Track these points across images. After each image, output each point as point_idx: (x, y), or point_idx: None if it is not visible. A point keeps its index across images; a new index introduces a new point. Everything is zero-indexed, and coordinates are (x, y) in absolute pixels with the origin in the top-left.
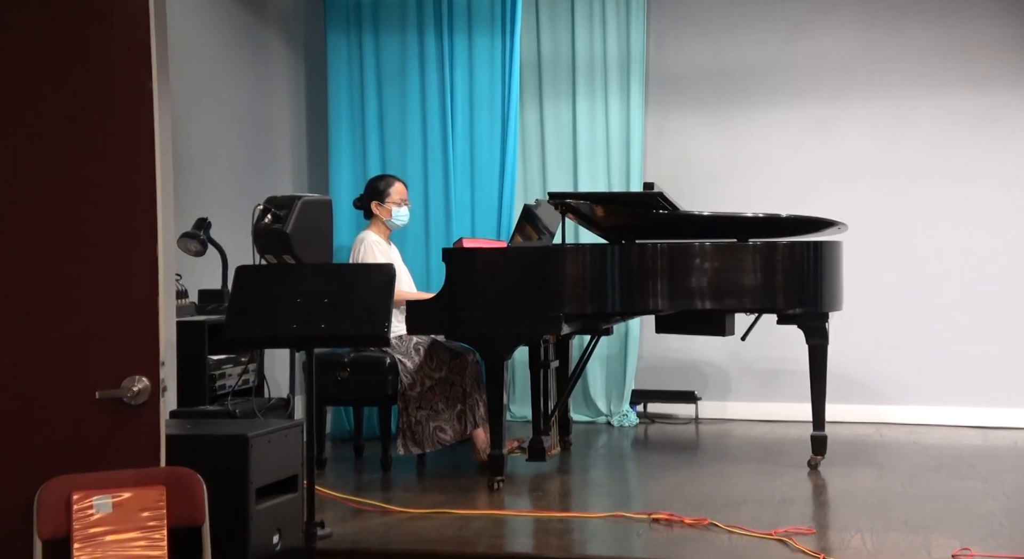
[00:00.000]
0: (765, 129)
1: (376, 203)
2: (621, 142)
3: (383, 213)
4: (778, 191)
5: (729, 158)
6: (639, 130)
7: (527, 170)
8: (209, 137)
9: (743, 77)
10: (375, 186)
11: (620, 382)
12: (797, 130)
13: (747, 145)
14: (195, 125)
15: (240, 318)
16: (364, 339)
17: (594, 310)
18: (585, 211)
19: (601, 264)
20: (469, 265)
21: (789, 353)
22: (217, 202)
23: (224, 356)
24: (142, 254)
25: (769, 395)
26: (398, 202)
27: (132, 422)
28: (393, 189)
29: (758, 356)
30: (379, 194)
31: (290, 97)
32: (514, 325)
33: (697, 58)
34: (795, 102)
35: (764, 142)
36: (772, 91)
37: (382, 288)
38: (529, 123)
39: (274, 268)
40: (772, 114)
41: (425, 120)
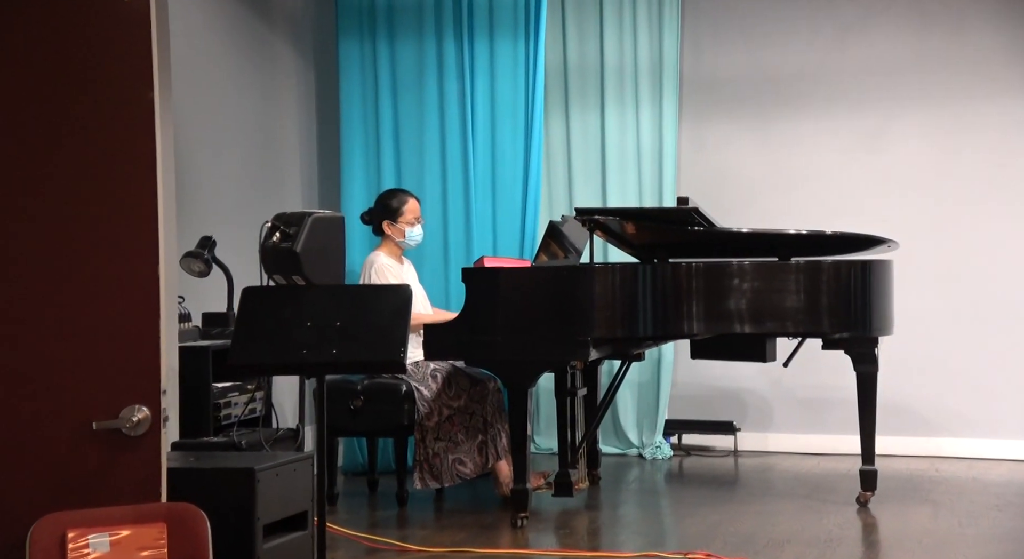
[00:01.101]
0: (810, 140)
1: (388, 222)
2: (653, 154)
3: (396, 233)
4: (823, 206)
5: (770, 171)
6: (672, 141)
7: (552, 184)
8: (214, 150)
9: (786, 84)
10: (387, 204)
11: (652, 411)
12: (845, 141)
13: (790, 157)
14: (199, 138)
15: (246, 343)
16: (378, 365)
17: (625, 334)
18: (614, 228)
19: (632, 285)
20: (490, 286)
21: (836, 381)
22: (222, 219)
23: (229, 384)
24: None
25: (814, 426)
26: (411, 221)
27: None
28: (407, 207)
29: (802, 384)
30: (391, 213)
31: (299, 107)
32: (539, 350)
33: (736, 64)
34: (843, 111)
35: (808, 154)
36: (818, 99)
37: (397, 311)
38: (554, 134)
39: (282, 290)
40: (818, 124)
41: (444, 132)
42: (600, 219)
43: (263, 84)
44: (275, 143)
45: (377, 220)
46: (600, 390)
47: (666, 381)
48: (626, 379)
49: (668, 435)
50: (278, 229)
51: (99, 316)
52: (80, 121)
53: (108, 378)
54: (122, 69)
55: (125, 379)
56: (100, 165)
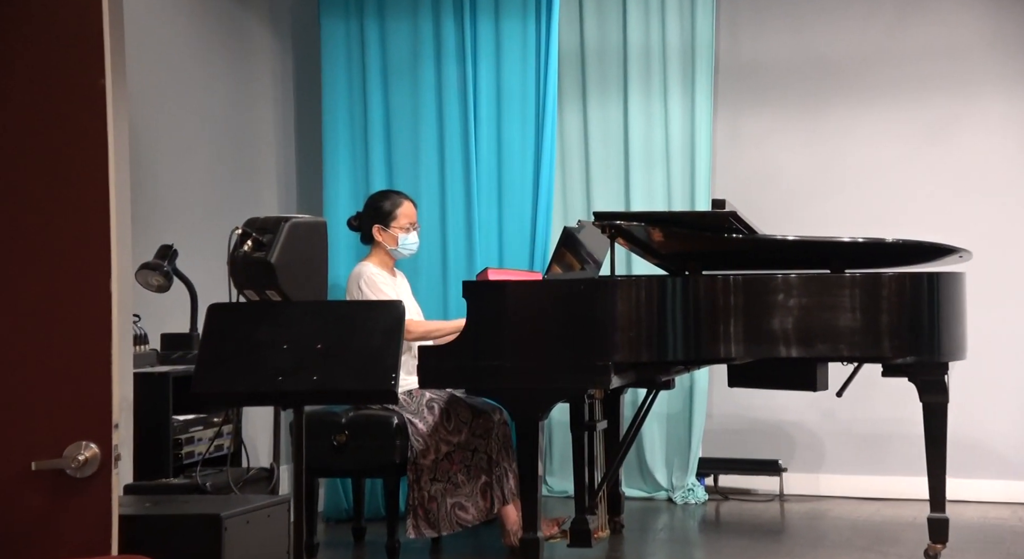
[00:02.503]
0: (865, 134)
1: (380, 228)
2: (684, 151)
3: (388, 240)
4: (881, 210)
5: (820, 169)
6: (706, 136)
7: (567, 185)
8: (176, 146)
9: (838, 69)
10: (378, 206)
11: (684, 448)
12: (906, 135)
13: (842, 154)
14: (159, 132)
15: (213, 369)
16: (366, 395)
17: (651, 358)
18: (639, 235)
19: (660, 301)
20: (496, 302)
21: (898, 413)
22: (185, 226)
23: (193, 416)
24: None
25: (873, 466)
26: (406, 227)
27: (77, 499)
28: (401, 210)
29: (858, 417)
30: (383, 216)
31: (276, 97)
32: (552, 377)
33: (780, 47)
34: (904, 100)
35: (864, 149)
36: (875, 86)
37: (389, 331)
38: (570, 128)
39: (255, 307)
40: (874, 115)
41: (442, 125)
42: (623, 225)
43: (234, 70)
44: (247, 138)
45: (367, 225)
46: (623, 423)
47: (700, 413)
48: (653, 410)
49: (702, 476)
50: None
51: (40, 338)
52: (20, 111)
53: (50, 411)
54: (69, 53)
55: (70, 412)
56: (43, 163)
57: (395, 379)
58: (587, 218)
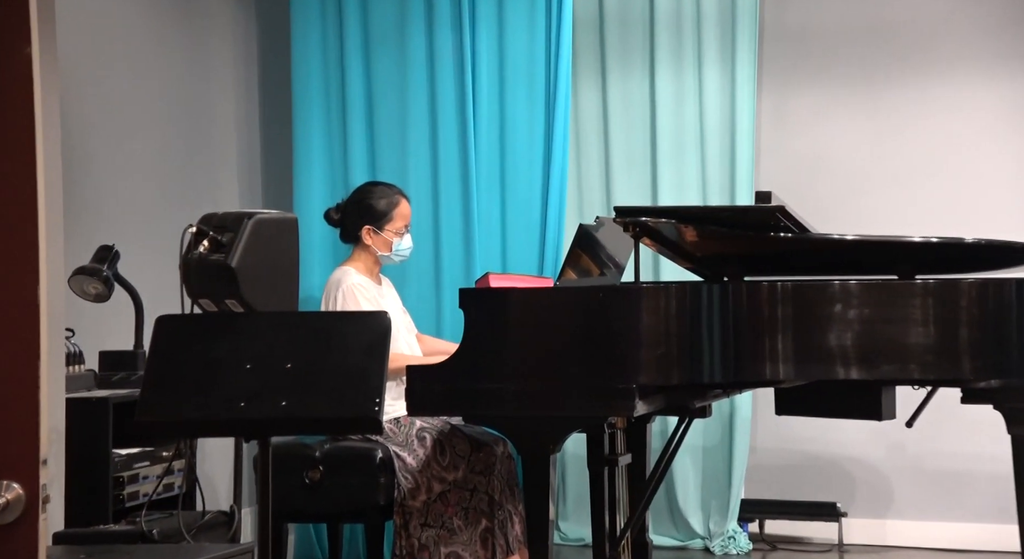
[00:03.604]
0: (937, 113)
1: (371, 230)
2: (722, 134)
3: (379, 245)
4: (956, 204)
5: (883, 156)
6: (748, 116)
7: (583, 175)
8: (118, 128)
9: (903, 39)
10: (370, 204)
11: (723, 488)
12: (985, 115)
13: (909, 137)
14: (97, 110)
15: (161, 393)
16: (345, 424)
17: (683, 380)
18: (669, 234)
19: (693, 312)
20: (498, 313)
21: (980, 447)
22: (128, 223)
23: (137, 450)
24: (15, 300)
25: (950, 511)
26: (401, 230)
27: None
28: (398, 211)
29: (932, 450)
30: (376, 216)
31: (237, 70)
32: (565, 402)
33: (835, 12)
34: (981, 75)
35: (935, 133)
36: (947, 59)
37: (372, 347)
38: (586, 107)
39: (212, 319)
40: (948, 92)
41: (434, 104)
42: (649, 222)
43: (187, 38)
44: (203, 119)
45: (353, 223)
46: (650, 458)
47: (741, 446)
48: (686, 443)
49: (745, 521)
50: (206, 236)
51: None
52: None
53: None
54: None
55: None
56: None
57: (379, 404)
58: (607, 214)
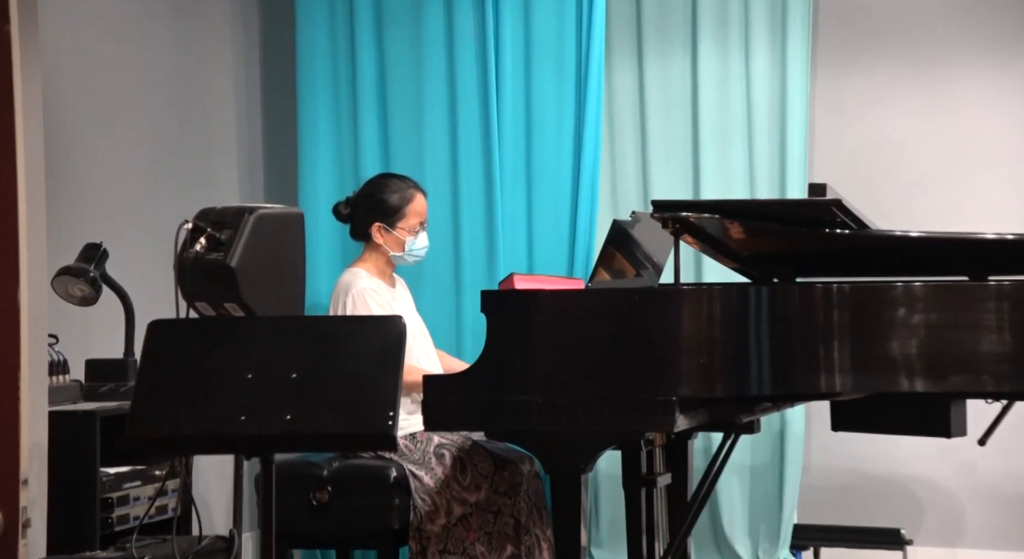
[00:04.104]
0: (1014, 98)
1: (382, 227)
2: (771, 120)
3: (391, 244)
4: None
5: (951, 145)
6: (801, 101)
7: (618, 166)
8: (106, 113)
9: (978, 15)
10: (382, 198)
11: (774, 511)
12: None
13: (980, 124)
14: (83, 94)
15: (154, 406)
16: (355, 440)
17: (729, 392)
18: (712, 231)
19: (740, 317)
20: (524, 318)
21: None
22: (118, 218)
23: (127, 468)
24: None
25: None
26: (415, 227)
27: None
28: (412, 206)
29: (1008, 471)
30: (388, 212)
31: (237, 51)
32: (597, 416)
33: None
34: None
35: (1010, 119)
36: None
37: (386, 355)
38: (621, 91)
39: (210, 325)
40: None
41: (453, 88)
42: (690, 218)
43: (182, 16)
44: (199, 105)
45: (363, 219)
46: (692, 478)
47: (794, 465)
48: (732, 461)
49: (798, 548)
50: (203, 233)
51: None
52: None
53: None
54: None
55: None
56: None
57: (393, 418)
58: (643, 209)
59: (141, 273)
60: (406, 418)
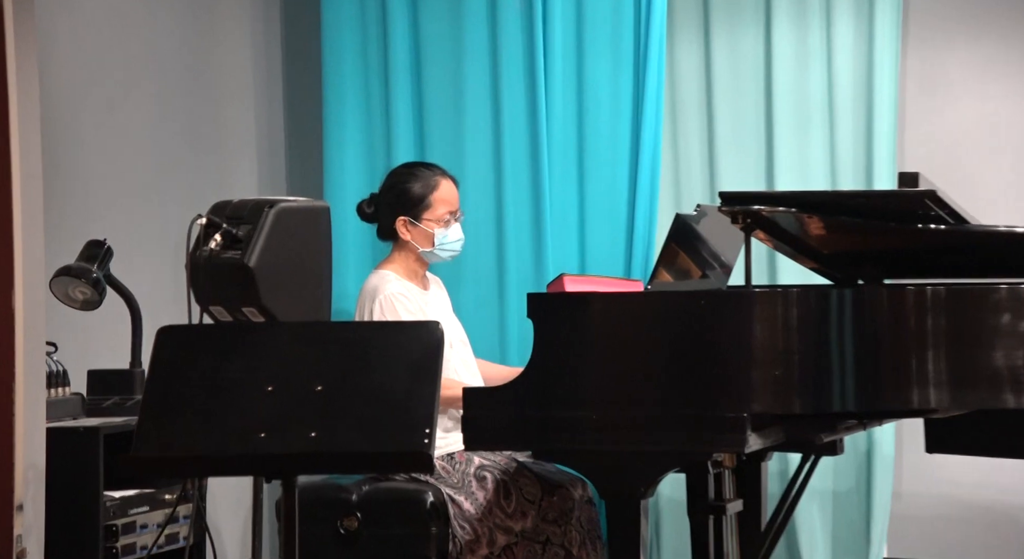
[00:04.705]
0: None
1: (407, 221)
2: (855, 102)
3: (419, 239)
4: None
5: None
6: (891, 80)
7: (680, 154)
8: (110, 98)
9: None
10: (403, 190)
11: (860, 543)
12: None
13: None
14: (85, 77)
15: (163, 422)
16: (388, 460)
17: (808, 408)
18: (789, 226)
19: (820, 323)
20: (576, 324)
21: None
22: (123, 213)
23: (134, 492)
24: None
25: None
26: (444, 218)
27: None
28: (438, 194)
29: None
30: (411, 204)
31: (255, 28)
32: (658, 435)
33: None
34: None
35: None
36: None
37: (422, 366)
38: (685, 70)
39: (225, 331)
40: None
41: (497, 67)
42: (763, 211)
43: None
44: (214, 89)
45: (387, 215)
46: (767, 505)
47: (882, 491)
48: (811, 486)
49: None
50: (219, 229)
51: None
52: None
53: None
54: None
55: None
56: None
57: (430, 437)
58: (710, 202)
59: (149, 274)
60: (443, 436)
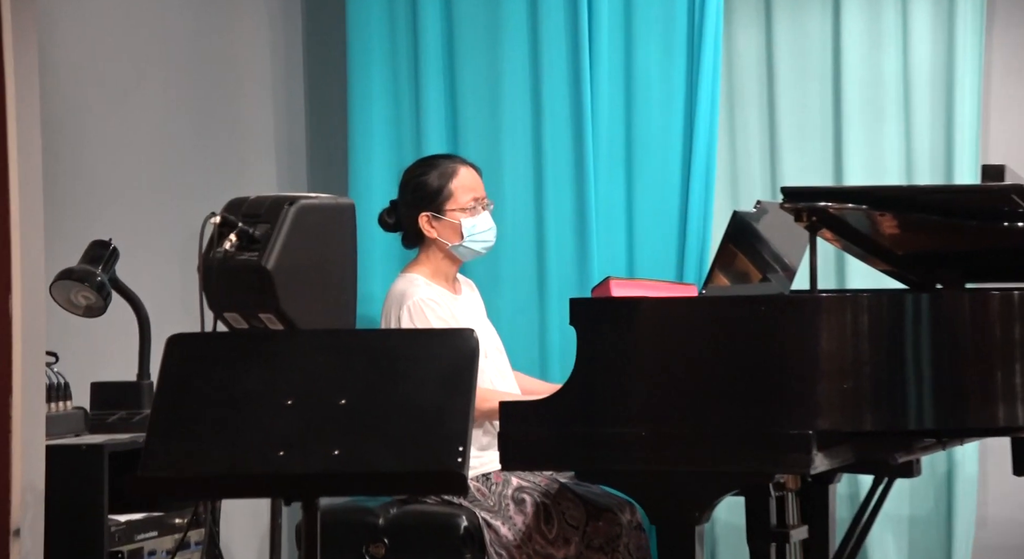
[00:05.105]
0: None
1: (430, 216)
2: (934, 89)
3: (446, 233)
4: None
5: None
6: (973, 67)
7: (739, 146)
8: (117, 89)
9: None
10: (420, 183)
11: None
12: None
13: None
14: (90, 67)
15: (173, 439)
16: (418, 481)
17: (880, 425)
18: (858, 225)
19: (894, 331)
20: (623, 331)
21: None
22: (130, 212)
23: (141, 516)
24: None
25: None
26: (470, 205)
27: None
28: (457, 182)
29: None
30: (430, 197)
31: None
32: (714, 453)
33: None
34: None
35: None
36: None
37: (455, 377)
38: (744, 54)
39: (241, 340)
40: None
41: (537, 53)
42: (831, 208)
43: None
44: (229, 77)
45: (409, 217)
46: (835, 531)
47: (965, 517)
48: (885, 511)
49: None
50: (234, 228)
51: None
52: None
53: None
54: None
55: None
56: None
57: (464, 455)
58: (772, 198)
59: (158, 278)
60: (478, 454)
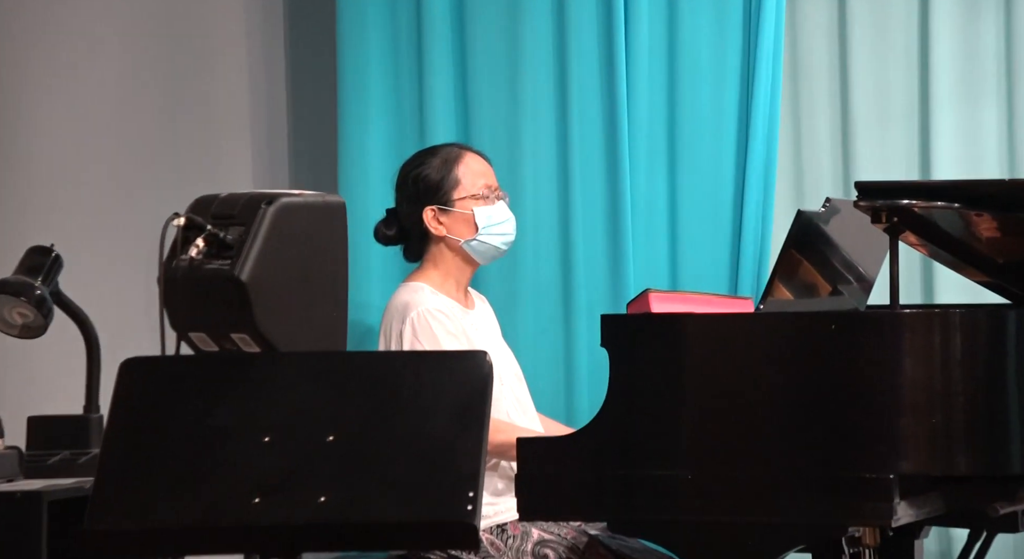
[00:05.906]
0: None
1: (436, 210)
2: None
3: (457, 227)
4: None
5: None
6: None
7: (804, 136)
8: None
9: None
10: (420, 177)
11: None
12: None
13: None
14: (33, 41)
15: (127, 485)
16: (421, 533)
17: (977, 468)
18: (949, 227)
19: (993, 355)
20: (665, 355)
21: None
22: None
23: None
24: None
25: None
26: (483, 194)
27: None
28: (462, 168)
29: None
30: (434, 188)
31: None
32: (775, 501)
33: None
34: None
35: None
36: None
37: (464, 409)
38: (811, 27)
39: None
40: None
41: (563, 28)
42: (916, 207)
43: None
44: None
45: (411, 218)
46: None
47: None
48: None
49: None
50: (202, 232)
51: None
52: None
53: None
54: None
55: None
56: None
57: (475, 502)
58: (844, 195)
59: (111, 291)
60: (492, 501)
